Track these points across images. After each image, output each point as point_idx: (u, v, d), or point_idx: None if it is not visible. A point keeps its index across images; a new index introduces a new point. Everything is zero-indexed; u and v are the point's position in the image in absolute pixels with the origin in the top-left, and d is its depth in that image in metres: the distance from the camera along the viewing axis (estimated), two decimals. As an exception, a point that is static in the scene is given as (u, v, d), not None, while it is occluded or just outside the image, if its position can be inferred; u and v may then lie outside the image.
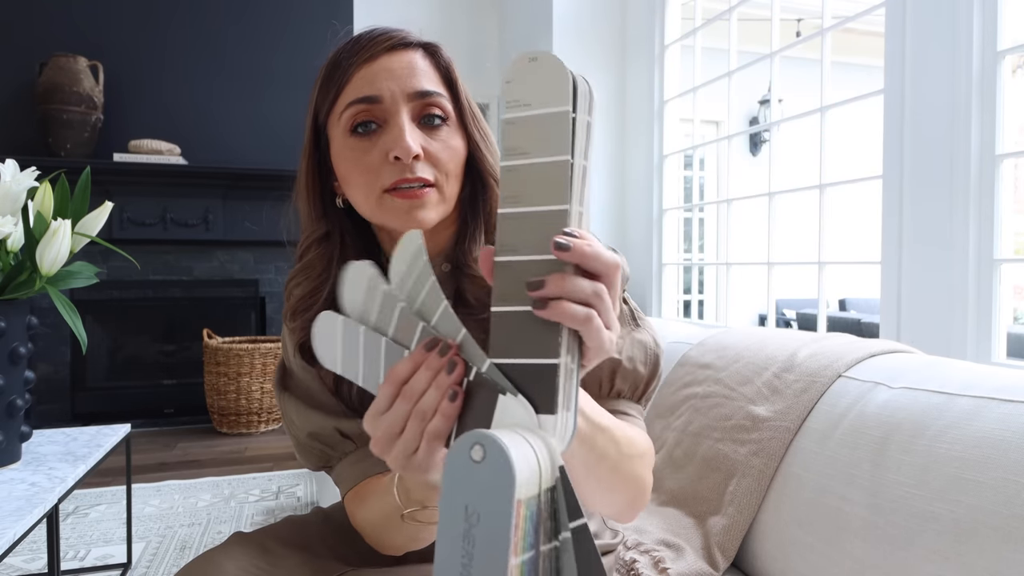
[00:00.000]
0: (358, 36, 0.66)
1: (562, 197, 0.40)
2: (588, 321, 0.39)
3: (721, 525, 0.92)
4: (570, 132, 0.40)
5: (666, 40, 2.77)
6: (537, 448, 0.37)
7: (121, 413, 3.06)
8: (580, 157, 0.40)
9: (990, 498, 0.62)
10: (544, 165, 0.40)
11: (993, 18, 1.42)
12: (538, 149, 0.41)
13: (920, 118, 1.57)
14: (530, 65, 0.41)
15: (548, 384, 0.39)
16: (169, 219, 3.04)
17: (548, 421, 0.39)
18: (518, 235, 0.41)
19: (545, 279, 0.39)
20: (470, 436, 0.35)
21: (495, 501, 0.34)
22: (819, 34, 1.98)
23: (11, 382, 1.05)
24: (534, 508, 0.36)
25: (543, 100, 0.41)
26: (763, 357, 1.04)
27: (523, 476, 0.34)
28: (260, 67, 3.25)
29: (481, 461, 0.35)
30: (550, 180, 0.40)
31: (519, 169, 0.41)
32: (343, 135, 0.64)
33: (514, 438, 0.36)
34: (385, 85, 0.63)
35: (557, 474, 0.37)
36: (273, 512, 2.01)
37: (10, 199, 1.03)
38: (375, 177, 0.62)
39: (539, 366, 0.40)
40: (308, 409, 0.70)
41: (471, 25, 3.70)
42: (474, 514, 0.35)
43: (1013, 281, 1.48)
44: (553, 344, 0.39)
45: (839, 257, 4.96)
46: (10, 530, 0.83)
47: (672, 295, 2.83)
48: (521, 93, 0.41)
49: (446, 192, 0.65)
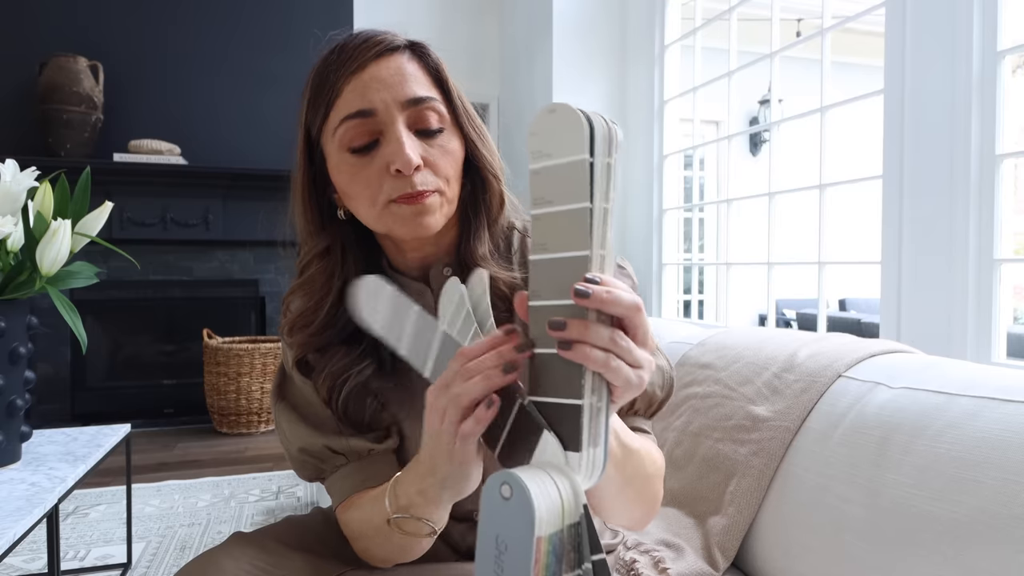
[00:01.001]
0: (342, 44, 0.64)
1: (583, 243, 0.42)
2: (607, 364, 0.42)
3: (721, 525, 0.92)
4: (588, 178, 0.42)
5: (666, 40, 2.77)
6: (562, 487, 0.41)
7: (121, 413, 3.06)
8: (600, 200, 0.42)
9: (990, 498, 0.62)
10: (566, 213, 0.43)
11: (993, 18, 1.42)
12: (560, 197, 0.43)
13: (920, 118, 1.57)
14: (549, 116, 0.43)
15: (573, 423, 0.42)
16: (169, 219, 3.04)
17: (574, 458, 0.43)
18: (545, 281, 0.44)
19: (567, 322, 0.42)
20: (501, 475, 0.40)
21: (519, 536, 0.39)
22: (819, 34, 1.98)
23: (11, 382, 1.05)
24: (556, 542, 0.40)
25: (562, 149, 0.43)
26: (763, 357, 1.04)
27: (543, 515, 0.39)
28: (260, 67, 3.25)
29: (509, 499, 0.40)
30: (572, 227, 0.43)
31: (544, 218, 0.44)
32: (339, 151, 0.63)
33: (541, 479, 0.41)
34: (377, 96, 0.61)
35: (581, 511, 0.41)
36: (273, 512, 2.01)
37: (10, 199, 1.03)
38: (378, 190, 0.62)
39: (566, 406, 0.43)
40: (300, 424, 0.70)
41: (471, 25, 3.70)
42: (503, 543, 0.40)
43: (1013, 281, 1.48)
44: (577, 385, 0.42)
45: (839, 257, 4.95)
46: (10, 530, 0.83)
47: (672, 295, 2.83)
48: (543, 144, 0.44)
49: (449, 196, 0.65)
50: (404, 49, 0.65)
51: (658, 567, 0.85)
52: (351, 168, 0.63)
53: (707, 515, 0.96)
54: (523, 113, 3.39)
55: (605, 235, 0.43)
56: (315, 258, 0.68)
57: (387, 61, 0.63)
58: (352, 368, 0.67)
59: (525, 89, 3.35)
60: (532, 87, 3.25)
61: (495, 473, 0.41)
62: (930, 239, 1.55)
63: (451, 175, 0.65)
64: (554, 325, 0.42)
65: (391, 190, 0.61)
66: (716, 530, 0.93)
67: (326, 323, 0.67)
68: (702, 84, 2.59)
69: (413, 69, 0.64)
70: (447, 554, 0.75)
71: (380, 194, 0.62)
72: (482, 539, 0.41)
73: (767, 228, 2.24)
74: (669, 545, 0.92)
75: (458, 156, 0.66)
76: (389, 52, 0.63)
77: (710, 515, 0.96)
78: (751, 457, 0.93)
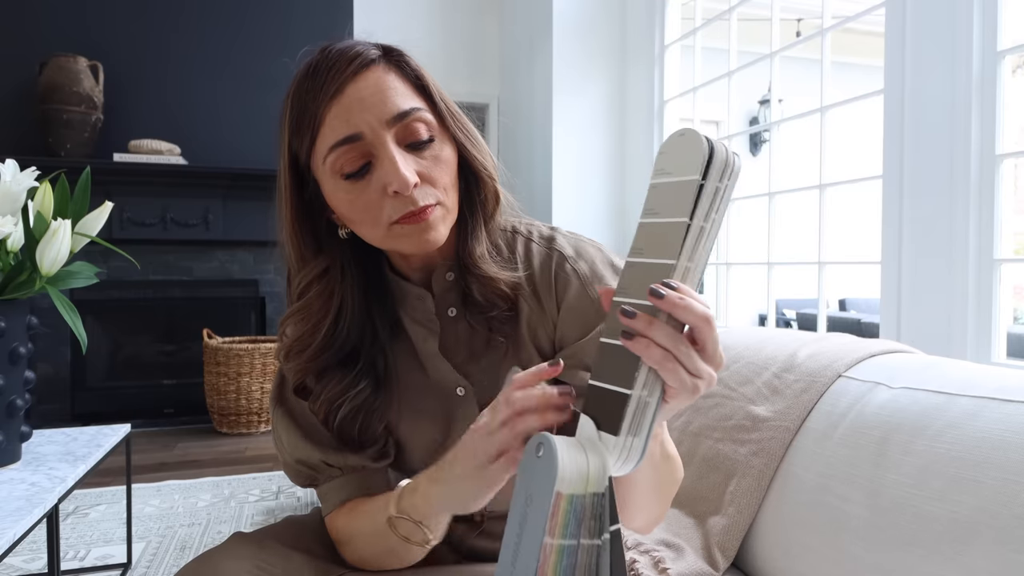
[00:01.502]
0: (315, 65, 0.62)
1: (673, 253, 0.46)
2: (664, 362, 0.44)
3: (721, 525, 0.92)
4: (694, 197, 0.45)
5: (666, 40, 2.77)
6: (591, 458, 0.45)
7: (121, 413, 3.06)
8: (699, 219, 0.46)
9: (990, 498, 0.62)
10: (666, 224, 0.47)
11: (993, 18, 1.42)
12: (666, 210, 0.47)
13: (920, 118, 1.57)
14: (679, 139, 0.47)
15: (616, 410, 0.46)
16: (169, 219, 3.04)
17: (610, 441, 0.46)
18: (632, 281, 0.48)
19: (638, 314, 0.45)
20: (538, 436, 0.45)
21: (542, 488, 0.43)
22: (819, 34, 1.98)
23: (11, 382, 1.05)
24: (578, 505, 0.43)
25: (680, 169, 0.47)
26: (763, 357, 1.04)
27: (566, 473, 0.43)
28: (260, 67, 3.25)
29: (540, 456, 0.44)
30: (667, 237, 0.47)
31: (648, 226, 0.48)
32: (333, 178, 0.62)
33: (572, 444, 0.45)
34: (361, 119, 0.60)
35: (607, 483, 0.45)
36: (273, 512, 2.01)
37: (10, 199, 1.03)
38: (379, 213, 0.61)
39: (614, 393, 0.46)
40: (298, 435, 0.70)
41: (471, 25, 3.70)
42: (530, 498, 0.44)
43: (1013, 281, 1.48)
44: (630, 376, 0.46)
45: (839, 257, 4.95)
46: (10, 530, 0.83)
47: (672, 295, 2.82)
48: (666, 163, 0.48)
49: (449, 205, 0.65)
50: (379, 60, 0.63)
51: (658, 567, 0.85)
52: (348, 195, 0.62)
53: (707, 515, 0.96)
54: (523, 113, 3.39)
55: (696, 250, 0.46)
56: (314, 280, 0.67)
57: (364, 78, 0.61)
58: (348, 392, 0.68)
59: (525, 89, 3.35)
60: (532, 87, 3.25)
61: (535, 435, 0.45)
62: (930, 239, 1.55)
63: (448, 183, 0.64)
64: (625, 313, 0.45)
65: (392, 211, 0.61)
66: (716, 530, 0.92)
67: (324, 345, 0.67)
68: (702, 84, 2.59)
69: (392, 81, 0.62)
70: (447, 555, 0.75)
71: (382, 216, 0.61)
72: (516, 499, 0.45)
73: (767, 228, 2.24)
74: (669, 545, 0.92)
75: (452, 162, 0.65)
76: (365, 68, 0.61)
77: (710, 515, 0.96)
78: (751, 457, 0.93)
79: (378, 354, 0.72)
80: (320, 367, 0.68)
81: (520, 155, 3.37)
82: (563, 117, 3.00)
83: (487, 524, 0.75)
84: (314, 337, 0.67)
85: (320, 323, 0.67)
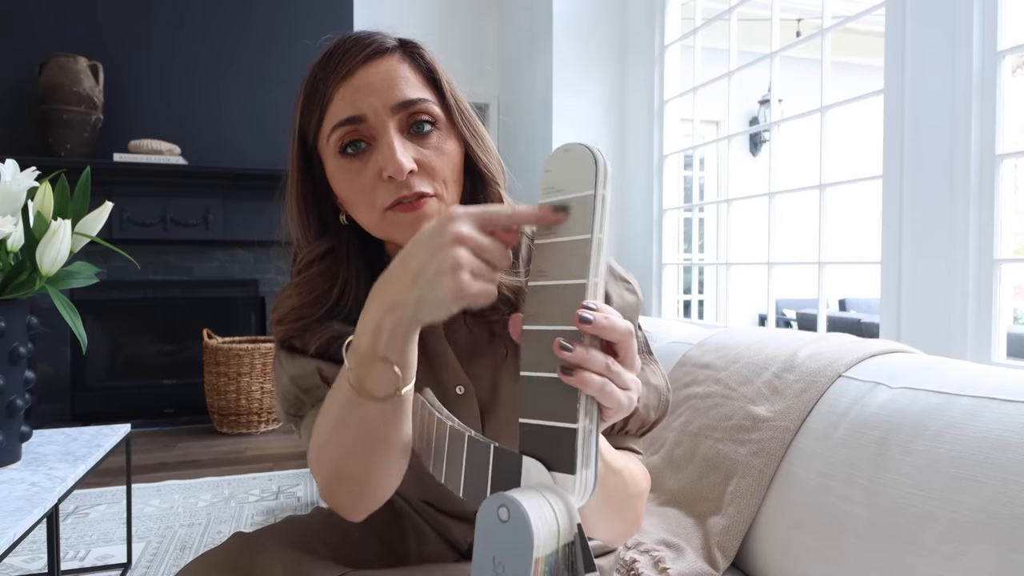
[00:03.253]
0: (331, 50, 0.63)
1: (582, 272, 0.45)
2: (603, 388, 0.43)
3: (721, 525, 0.92)
4: (592, 212, 0.45)
5: (666, 40, 2.77)
6: (557, 508, 0.42)
7: (121, 413, 3.06)
8: (597, 231, 0.45)
9: (990, 498, 0.62)
10: (568, 243, 0.46)
11: (993, 18, 1.42)
12: (564, 229, 0.46)
13: (920, 118, 1.57)
14: (564, 155, 0.46)
15: (568, 446, 0.44)
16: (169, 219, 3.04)
17: (568, 480, 0.44)
18: (543, 306, 0.46)
19: (575, 347, 0.44)
20: (498, 498, 0.42)
21: (517, 558, 0.40)
22: (819, 34, 1.98)
23: (11, 382, 1.05)
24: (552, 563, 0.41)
25: (572, 185, 0.46)
26: (763, 357, 1.04)
27: (541, 538, 0.40)
28: (260, 67, 3.25)
29: (507, 521, 0.41)
30: (572, 256, 0.45)
31: (547, 247, 0.47)
32: (334, 157, 0.63)
33: (536, 500, 0.42)
34: (367, 102, 0.61)
35: (575, 530, 0.43)
36: (273, 512, 2.01)
37: (10, 199, 1.03)
38: (372, 197, 0.61)
39: (560, 429, 0.44)
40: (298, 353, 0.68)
41: (471, 25, 3.70)
42: (500, 565, 0.41)
43: (1013, 281, 1.48)
44: (572, 409, 0.44)
45: (839, 257, 4.95)
46: (10, 530, 0.83)
47: (672, 295, 2.83)
48: (555, 180, 0.47)
49: (447, 199, 0.64)
50: (395, 50, 0.64)
51: (658, 567, 0.85)
52: (347, 175, 0.62)
53: (707, 515, 0.96)
54: (523, 113, 3.39)
55: (599, 264, 0.45)
56: (317, 259, 0.67)
57: (377, 65, 0.62)
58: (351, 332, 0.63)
59: (525, 89, 3.35)
60: (532, 87, 3.25)
61: (492, 495, 0.42)
62: (930, 239, 1.55)
63: (448, 177, 0.64)
64: (564, 347, 0.44)
65: (385, 195, 0.61)
66: (716, 530, 0.93)
67: (319, 323, 0.67)
68: (702, 84, 2.59)
69: (404, 71, 0.63)
70: (448, 554, 0.75)
71: (376, 200, 0.61)
72: (478, 560, 0.42)
73: (767, 228, 2.24)
74: (669, 545, 0.92)
75: (454, 156, 0.65)
76: (379, 55, 0.62)
77: (710, 515, 0.96)
78: (751, 457, 0.93)
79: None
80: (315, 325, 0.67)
81: (520, 155, 3.37)
82: (563, 117, 3.00)
83: (487, 523, 0.75)
84: (314, 309, 0.67)
85: (322, 298, 0.67)
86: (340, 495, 0.59)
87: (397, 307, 0.49)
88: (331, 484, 0.59)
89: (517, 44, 3.47)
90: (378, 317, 0.50)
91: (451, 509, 0.75)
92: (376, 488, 0.58)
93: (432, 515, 0.76)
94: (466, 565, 0.71)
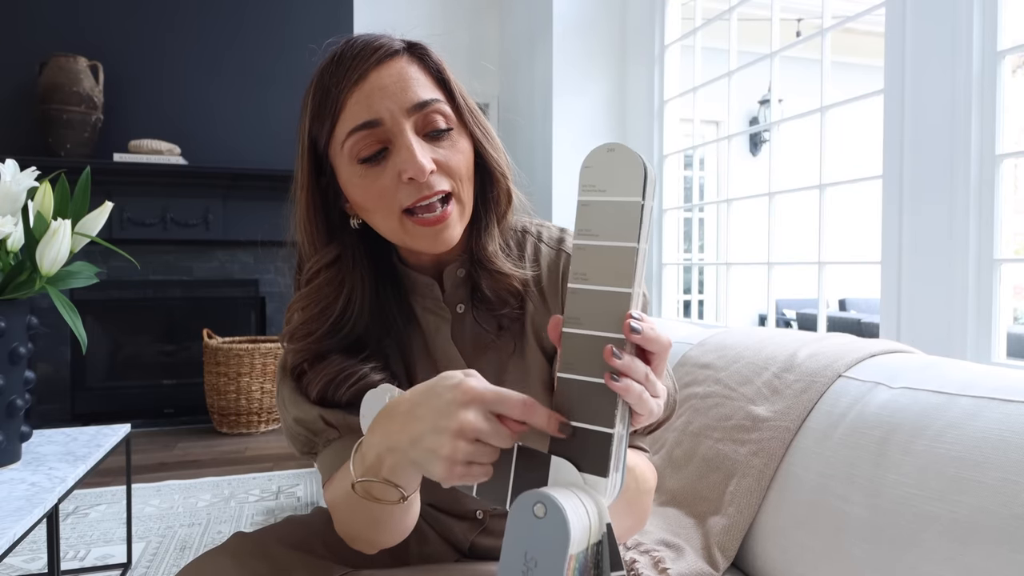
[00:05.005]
0: (340, 54, 0.63)
1: (628, 281, 0.44)
2: (641, 397, 0.45)
3: (721, 525, 0.92)
4: (638, 220, 0.44)
5: (666, 40, 2.77)
6: (589, 508, 0.43)
7: (121, 413, 3.06)
8: (643, 242, 0.45)
9: (990, 498, 0.62)
10: (612, 249, 0.45)
11: (993, 18, 1.42)
12: (607, 233, 0.45)
13: (920, 118, 1.57)
14: (607, 154, 0.45)
15: (602, 449, 0.44)
16: (169, 219, 3.04)
17: (600, 483, 0.44)
18: (585, 310, 0.46)
19: (624, 355, 0.44)
20: (534, 494, 0.42)
21: (551, 553, 0.41)
22: (819, 34, 1.98)
23: (11, 382, 1.05)
24: (582, 560, 0.42)
25: (616, 188, 0.45)
26: (763, 357, 1.04)
27: (577, 534, 0.41)
28: (260, 67, 3.25)
29: (543, 517, 0.41)
30: (616, 263, 0.45)
31: (588, 249, 0.46)
32: (350, 163, 0.63)
33: (571, 499, 0.42)
34: (382, 105, 0.61)
35: (604, 530, 0.44)
36: (273, 512, 2.01)
37: (10, 199, 1.03)
38: (392, 199, 0.62)
39: (597, 433, 0.45)
40: (301, 396, 0.68)
41: (471, 25, 3.70)
42: (532, 560, 0.41)
43: (1013, 281, 1.48)
44: (610, 414, 0.44)
45: (839, 257, 4.95)
46: (10, 530, 0.83)
47: (672, 295, 2.83)
48: (596, 179, 0.45)
49: (464, 199, 0.65)
50: (403, 52, 0.64)
51: (658, 567, 0.85)
52: (363, 180, 0.62)
53: (707, 515, 0.96)
54: (523, 113, 3.39)
55: (642, 274, 0.45)
56: (324, 268, 0.67)
57: (388, 67, 0.62)
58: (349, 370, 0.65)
59: (525, 89, 3.35)
60: (532, 87, 3.25)
61: (527, 492, 0.43)
62: (930, 239, 1.55)
63: (464, 175, 0.64)
64: (615, 355, 0.44)
65: (405, 197, 0.61)
66: (716, 530, 0.93)
67: (329, 331, 0.67)
68: (702, 84, 2.59)
69: (415, 72, 0.63)
70: (449, 554, 0.75)
71: (395, 203, 0.62)
72: (509, 553, 0.42)
73: (767, 228, 2.24)
74: (669, 545, 0.92)
75: (468, 155, 0.66)
76: (388, 58, 0.63)
77: (710, 515, 0.96)
78: (751, 457, 0.93)
79: (392, 348, 0.71)
80: (322, 350, 0.67)
81: (520, 155, 3.37)
82: (563, 117, 3.00)
83: (489, 522, 0.75)
84: (320, 322, 0.66)
85: (328, 309, 0.66)
86: (353, 543, 0.63)
87: (395, 452, 0.50)
88: (344, 535, 0.63)
89: (517, 44, 3.47)
90: (380, 450, 0.51)
91: (453, 509, 0.75)
92: (388, 543, 0.62)
93: (433, 515, 0.76)
94: (467, 565, 0.71)
